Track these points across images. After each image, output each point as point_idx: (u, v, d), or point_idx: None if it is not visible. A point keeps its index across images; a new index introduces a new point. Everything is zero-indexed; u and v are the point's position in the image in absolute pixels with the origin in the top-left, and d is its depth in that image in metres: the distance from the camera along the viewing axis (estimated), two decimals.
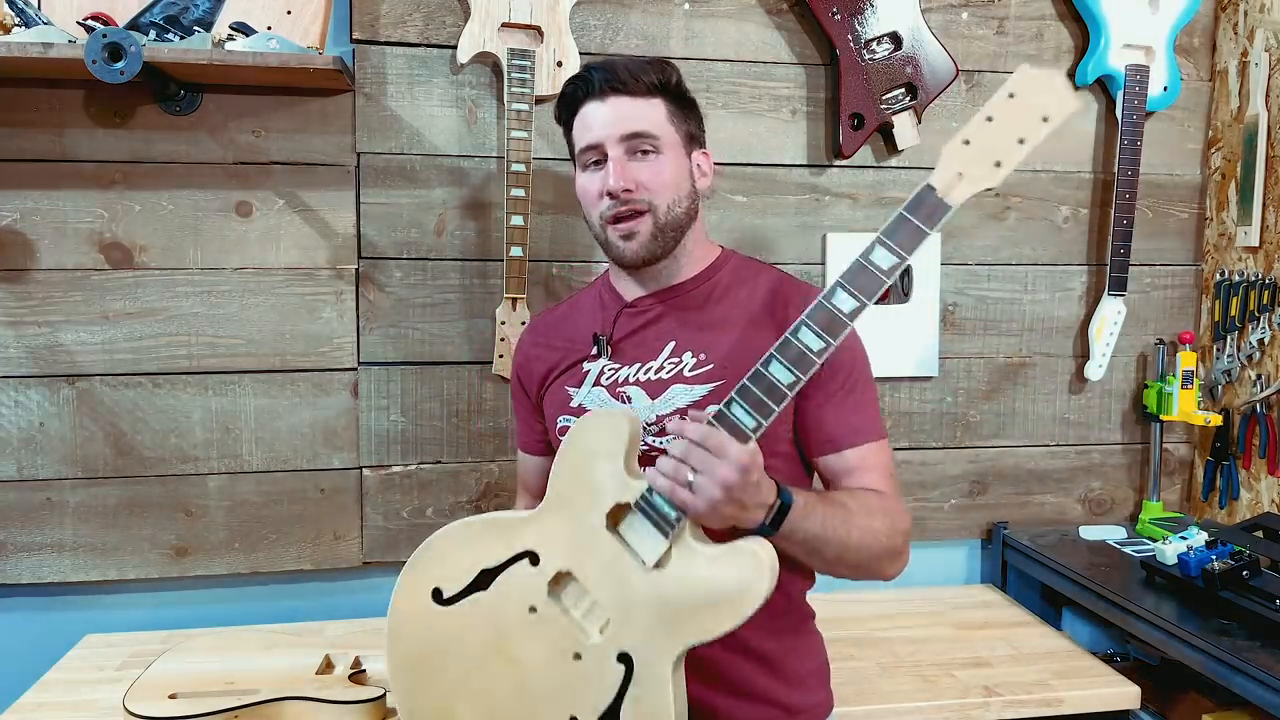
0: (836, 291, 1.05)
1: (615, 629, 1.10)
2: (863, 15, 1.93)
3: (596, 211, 1.28)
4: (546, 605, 1.14)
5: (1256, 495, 2.01)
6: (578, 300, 1.44)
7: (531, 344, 1.42)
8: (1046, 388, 2.14)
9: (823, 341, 1.04)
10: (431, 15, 1.86)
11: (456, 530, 1.21)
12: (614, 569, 1.10)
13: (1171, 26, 2.05)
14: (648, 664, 1.08)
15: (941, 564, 2.16)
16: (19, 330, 1.79)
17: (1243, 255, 2.05)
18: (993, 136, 1.00)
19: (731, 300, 1.31)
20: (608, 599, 1.11)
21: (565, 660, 1.12)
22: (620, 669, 1.09)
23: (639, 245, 1.25)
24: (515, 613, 1.15)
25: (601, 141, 1.25)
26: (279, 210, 1.84)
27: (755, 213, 1.99)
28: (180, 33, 1.60)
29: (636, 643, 1.09)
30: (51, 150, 1.77)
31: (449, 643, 1.18)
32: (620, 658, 1.09)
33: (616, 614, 1.10)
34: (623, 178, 1.23)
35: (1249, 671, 1.45)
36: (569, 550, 1.13)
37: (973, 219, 2.08)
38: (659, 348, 1.29)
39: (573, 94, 1.29)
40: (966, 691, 1.62)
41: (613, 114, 1.25)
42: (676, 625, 1.07)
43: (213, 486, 1.86)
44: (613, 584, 1.10)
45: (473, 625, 1.17)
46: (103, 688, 1.59)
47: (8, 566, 1.81)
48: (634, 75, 1.26)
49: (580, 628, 1.12)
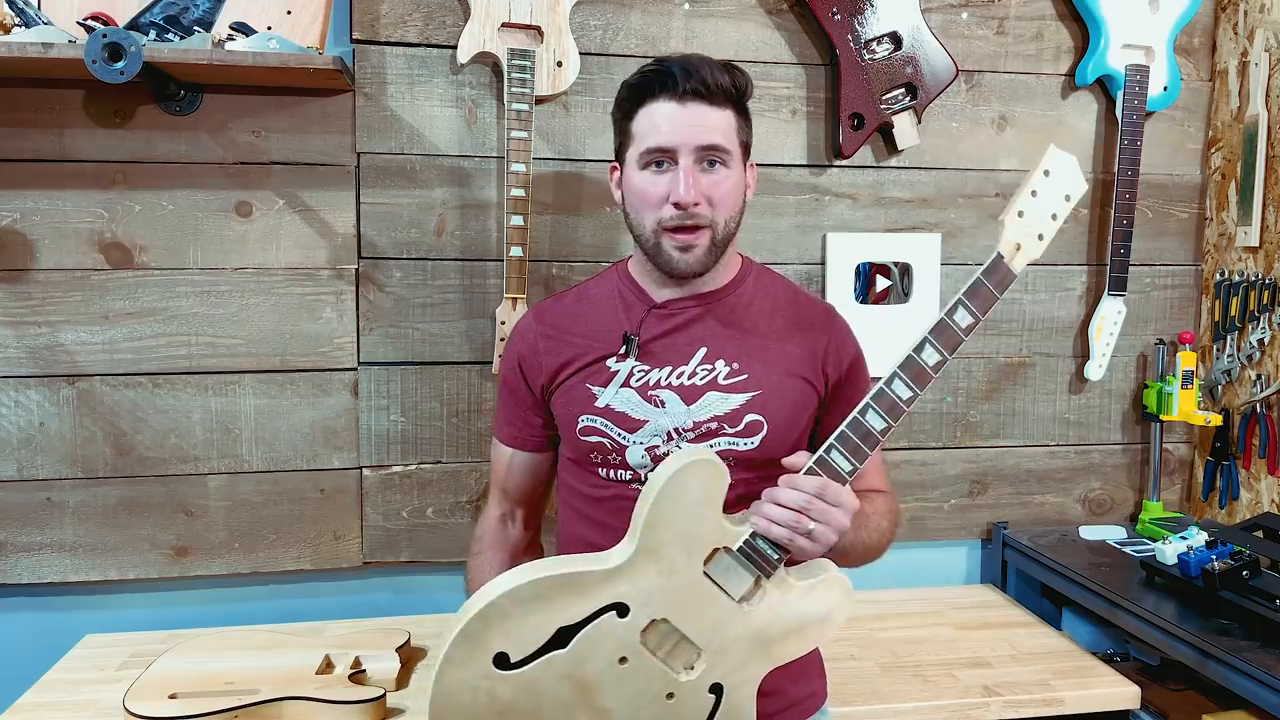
0: (924, 347, 1.14)
1: (708, 663, 1.14)
2: (863, 15, 1.93)
3: (654, 216, 1.25)
4: (637, 653, 1.12)
5: (1256, 495, 2.01)
6: (588, 291, 1.40)
7: (539, 335, 1.36)
8: (1046, 388, 2.14)
9: (912, 392, 1.14)
10: (431, 15, 1.86)
11: (522, 590, 1.10)
12: (707, 608, 1.13)
13: (1171, 26, 2.05)
14: (736, 688, 1.15)
15: (941, 564, 2.16)
16: (19, 330, 1.79)
17: (1243, 255, 2.05)
18: (1036, 209, 1.16)
19: (759, 310, 1.33)
20: (699, 636, 1.13)
21: (658, 703, 1.13)
22: (711, 699, 1.14)
23: (694, 259, 1.26)
24: (603, 666, 1.11)
25: (676, 147, 1.22)
26: (279, 210, 1.84)
27: (755, 213, 1.99)
28: (180, 33, 1.60)
29: (728, 674, 1.14)
30: (51, 150, 1.77)
31: (518, 707, 1.10)
32: (712, 688, 1.14)
33: (709, 650, 1.14)
34: (694, 190, 1.22)
35: (1249, 671, 1.45)
36: (664, 598, 1.12)
37: (973, 219, 2.08)
38: (690, 352, 1.29)
39: (645, 85, 1.24)
40: (966, 691, 1.62)
41: (691, 120, 1.22)
42: (768, 651, 1.15)
43: (213, 486, 1.86)
44: (705, 622, 1.13)
45: (548, 686, 1.10)
46: (103, 688, 1.59)
47: (8, 566, 1.81)
48: (717, 81, 1.22)
49: (671, 667, 1.13)
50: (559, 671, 1.10)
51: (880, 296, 2.04)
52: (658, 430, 1.27)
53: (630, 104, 1.26)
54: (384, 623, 1.84)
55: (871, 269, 2.03)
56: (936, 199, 2.06)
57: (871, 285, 2.03)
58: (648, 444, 1.28)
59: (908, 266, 2.04)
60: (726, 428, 1.27)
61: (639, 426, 1.28)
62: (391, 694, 1.56)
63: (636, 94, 1.25)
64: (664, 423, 1.27)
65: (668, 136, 1.22)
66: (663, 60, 1.25)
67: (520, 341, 1.39)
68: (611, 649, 1.11)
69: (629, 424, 1.28)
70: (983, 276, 1.14)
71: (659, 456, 1.28)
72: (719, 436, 1.27)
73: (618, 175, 1.33)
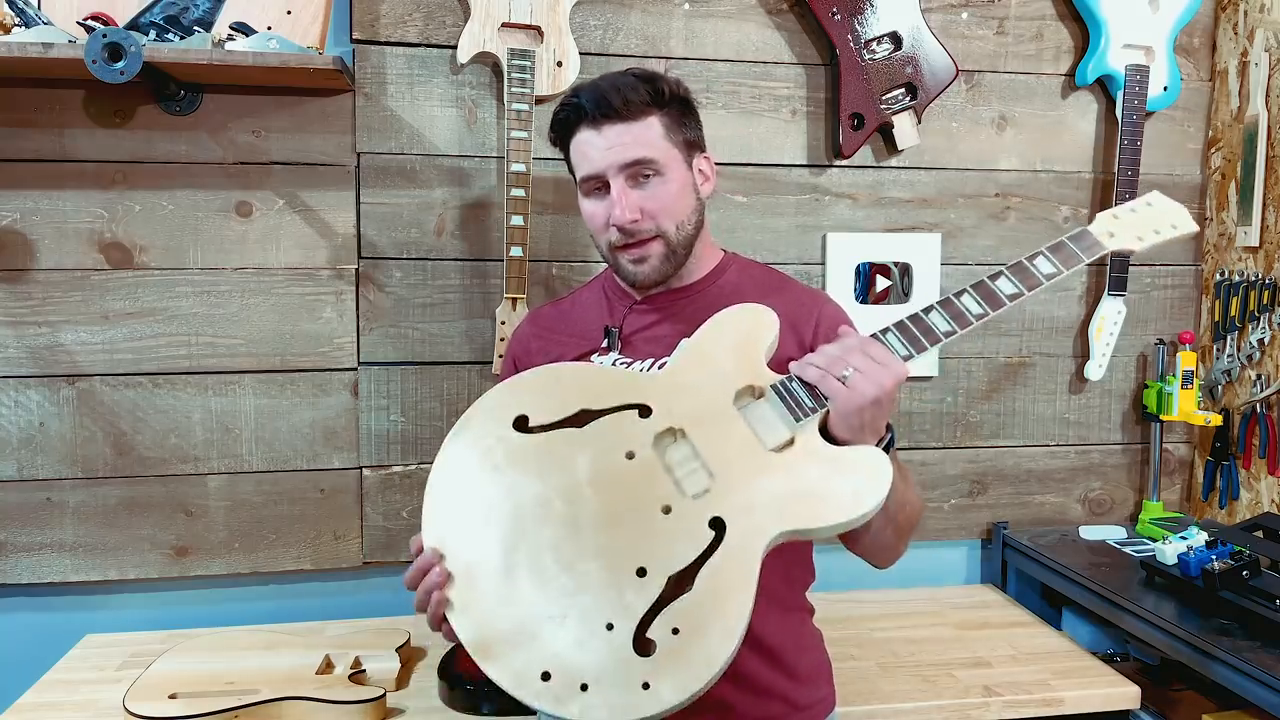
0: (999, 277, 1.15)
1: (715, 495, 1.06)
2: (863, 15, 1.93)
3: (604, 238, 1.28)
4: (647, 454, 1.08)
5: (1256, 495, 2.01)
6: (579, 296, 1.45)
7: (533, 335, 1.41)
8: (1046, 388, 2.14)
9: (981, 309, 1.13)
10: (431, 15, 1.86)
11: (560, 368, 1.16)
12: (731, 441, 1.08)
13: (1171, 26, 2.05)
14: (741, 536, 1.03)
15: (941, 564, 2.16)
16: (19, 330, 1.79)
17: (1243, 255, 2.05)
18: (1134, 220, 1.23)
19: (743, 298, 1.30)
20: (717, 467, 1.07)
21: (651, 510, 1.05)
22: (709, 534, 1.04)
23: (651, 269, 1.27)
24: (609, 452, 1.08)
25: (601, 172, 1.24)
26: (279, 210, 1.84)
27: (755, 213, 1.99)
28: (180, 33, 1.60)
29: (734, 513, 1.04)
30: (51, 150, 1.77)
31: (524, 465, 1.08)
32: (713, 523, 1.04)
33: (721, 483, 1.06)
34: (628, 209, 1.23)
35: (1249, 671, 1.45)
36: (687, 413, 1.10)
37: (973, 219, 2.08)
38: (671, 344, 1.28)
39: (565, 120, 1.28)
40: (966, 691, 1.62)
41: (608, 142, 1.23)
42: (782, 508, 1.05)
43: (213, 486, 1.86)
44: (726, 454, 1.07)
45: (550, 458, 1.08)
46: (103, 688, 1.59)
47: (8, 566, 1.81)
48: (625, 98, 1.23)
49: (677, 485, 1.07)
50: (566, 447, 1.08)
51: (880, 296, 2.04)
52: None
53: (561, 140, 1.31)
54: (384, 623, 1.84)
55: (871, 269, 2.03)
56: (936, 199, 2.06)
57: (871, 285, 2.03)
58: None
59: (908, 266, 2.04)
60: None
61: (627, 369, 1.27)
62: (391, 694, 1.56)
63: (561, 129, 1.29)
64: None
65: (592, 164, 1.25)
66: (577, 90, 1.27)
67: (516, 343, 1.44)
68: (623, 440, 1.09)
69: None
70: (1068, 239, 1.18)
71: None
72: None
73: None
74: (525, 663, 0.97)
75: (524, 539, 1.04)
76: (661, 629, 0.98)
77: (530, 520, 1.05)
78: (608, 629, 0.98)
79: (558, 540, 1.03)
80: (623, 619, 0.99)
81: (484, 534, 1.05)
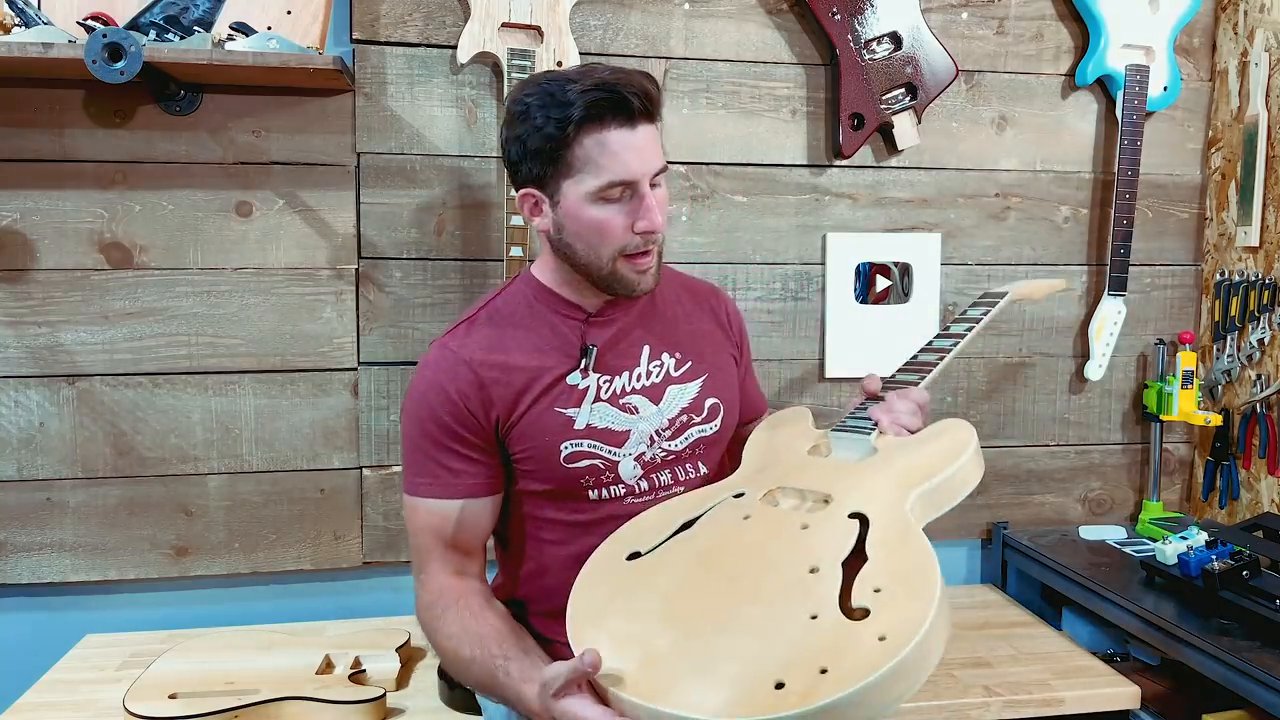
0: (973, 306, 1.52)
1: (840, 502, 1.11)
2: (863, 15, 1.93)
3: (617, 245, 1.19)
4: (761, 509, 1.14)
5: (1256, 495, 2.01)
6: (498, 313, 1.30)
7: (483, 366, 1.23)
8: (1046, 388, 2.14)
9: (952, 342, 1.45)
10: (431, 15, 1.86)
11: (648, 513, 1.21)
12: (826, 472, 1.18)
13: (1171, 26, 2.05)
14: (884, 509, 1.09)
15: (941, 564, 2.13)
16: (19, 330, 1.79)
17: (1243, 255, 2.05)
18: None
19: (666, 299, 1.37)
20: (827, 489, 1.13)
21: (793, 533, 1.07)
22: (854, 524, 1.06)
23: (651, 278, 1.26)
24: (727, 524, 1.13)
25: (639, 178, 1.16)
26: (279, 210, 1.84)
27: (755, 213, 1.99)
28: (180, 33, 1.60)
29: (867, 502, 1.10)
30: (51, 150, 1.77)
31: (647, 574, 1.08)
32: (852, 515, 1.08)
33: (839, 495, 1.12)
34: (661, 215, 1.19)
35: (1249, 671, 1.45)
36: (777, 477, 1.19)
37: (973, 219, 2.08)
38: (637, 353, 1.30)
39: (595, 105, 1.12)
40: (966, 691, 1.62)
41: (644, 144, 1.16)
42: (905, 480, 1.13)
43: (213, 486, 1.86)
44: (829, 479, 1.16)
45: (675, 555, 1.10)
46: (103, 688, 1.59)
47: (8, 566, 1.81)
48: (655, 100, 1.17)
49: (801, 514, 1.11)
50: (684, 543, 1.12)
51: (880, 296, 2.04)
52: (640, 437, 1.27)
53: (573, 130, 1.13)
54: (384, 623, 1.84)
55: (871, 269, 2.03)
56: (936, 199, 2.06)
57: (871, 285, 2.03)
58: (635, 454, 1.27)
59: (908, 266, 2.04)
60: (694, 417, 1.31)
61: (624, 438, 1.26)
62: (391, 694, 1.56)
63: (580, 119, 1.12)
64: (644, 428, 1.27)
65: (629, 169, 1.14)
66: (601, 82, 1.13)
67: (455, 380, 1.23)
68: (733, 513, 1.14)
69: (615, 439, 1.26)
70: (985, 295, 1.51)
71: (649, 464, 1.28)
72: (691, 428, 1.31)
73: (534, 203, 1.22)
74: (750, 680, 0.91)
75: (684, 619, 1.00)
76: (862, 596, 0.97)
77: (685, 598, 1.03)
78: (812, 619, 0.95)
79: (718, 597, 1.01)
80: (823, 606, 0.96)
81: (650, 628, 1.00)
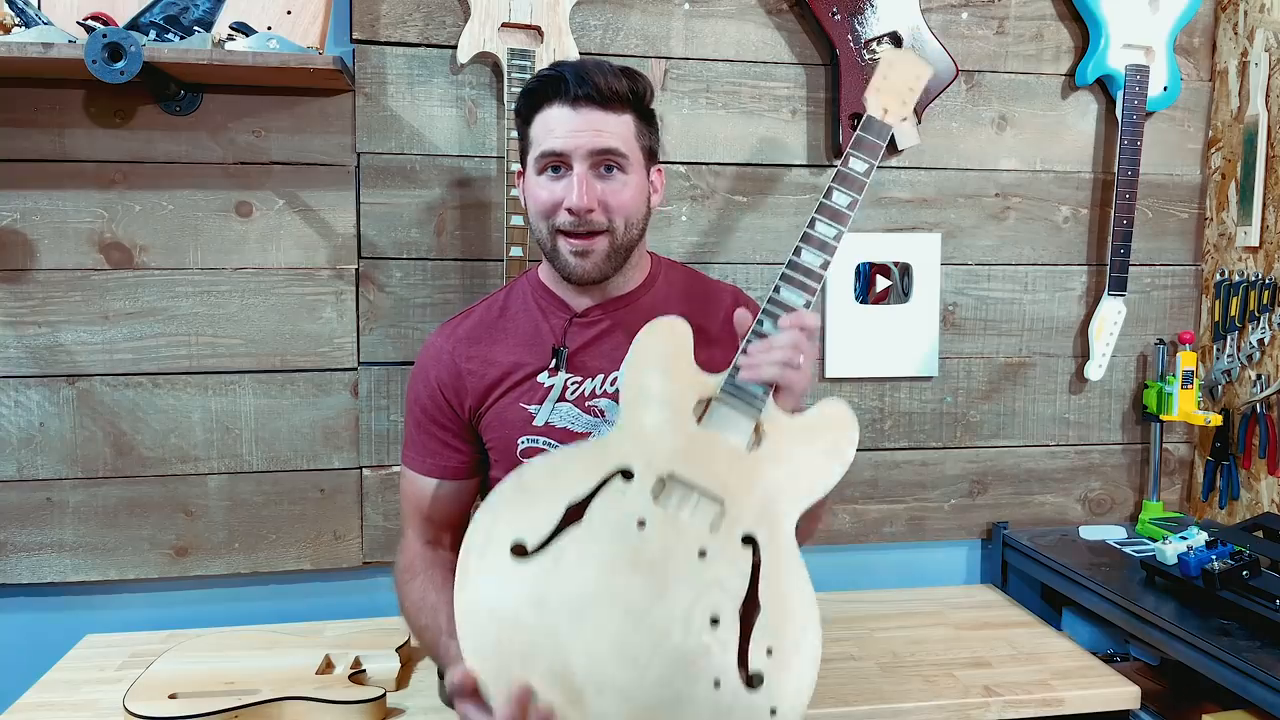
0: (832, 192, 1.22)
1: (732, 515, 1.09)
2: (863, 15, 1.93)
3: (548, 222, 1.24)
4: (654, 513, 1.09)
5: (1256, 495, 2.01)
6: (502, 303, 1.36)
7: (464, 357, 1.31)
8: (1046, 388, 2.14)
9: (835, 229, 1.21)
10: (431, 15, 1.86)
11: (524, 473, 1.10)
12: (716, 460, 1.12)
13: (1171, 26, 2.05)
14: (771, 535, 1.09)
15: (941, 564, 2.16)
16: (19, 330, 1.79)
17: (1243, 255, 2.05)
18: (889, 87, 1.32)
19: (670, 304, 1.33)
20: (718, 490, 1.10)
21: (690, 561, 1.06)
22: (748, 552, 1.08)
23: (592, 265, 1.24)
24: (621, 533, 1.07)
25: (568, 152, 1.21)
26: (279, 210, 1.84)
27: (755, 213, 1.99)
28: (180, 33, 1.60)
29: (756, 521, 1.09)
30: (51, 150, 1.77)
31: (548, 590, 1.04)
32: (744, 540, 1.08)
33: (730, 501, 1.10)
34: (587, 196, 1.20)
35: (1249, 671, 1.45)
36: (665, 455, 1.12)
37: (973, 219, 2.08)
38: (618, 357, 1.27)
39: (539, 91, 1.23)
40: (966, 691, 1.61)
41: (583, 125, 1.20)
42: (791, 491, 1.12)
43: (213, 486, 1.86)
44: (718, 474, 1.11)
45: (573, 565, 1.06)
46: (103, 688, 1.58)
47: (8, 566, 1.81)
48: (610, 86, 1.21)
49: (695, 525, 1.09)
50: (578, 551, 1.06)
51: (880, 296, 2.04)
52: None
53: (528, 110, 1.25)
54: (384, 623, 1.84)
55: (871, 269, 2.03)
56: (936, 199, 2.06)
57: (871, 285, 2.03)
58: None
59: (908, 266, 2.04)
60: None
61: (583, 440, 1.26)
62: (391, 694, 1.56)
63: (532, 100, 1.24)
64: (605, 432, 1.26)
65: (560, 141, 1.20)
66: (558, 64, 1.25)
67: (437, 366, 1.32)
68: (625, 514, 1.08)
69: (573, 439, 1.26)
70: (860, 131, 1.26)
71: None
72: None
73: (522, 180, 1.31)
74: None
75: (591, 658, 1.01)
76: (757, 658, 1.02)
77: (587, 634, 1.02)
78: (715, 687, 1.00)
79: (623, 639, 1.02)
80: (724, 673, 1.01)
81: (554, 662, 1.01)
